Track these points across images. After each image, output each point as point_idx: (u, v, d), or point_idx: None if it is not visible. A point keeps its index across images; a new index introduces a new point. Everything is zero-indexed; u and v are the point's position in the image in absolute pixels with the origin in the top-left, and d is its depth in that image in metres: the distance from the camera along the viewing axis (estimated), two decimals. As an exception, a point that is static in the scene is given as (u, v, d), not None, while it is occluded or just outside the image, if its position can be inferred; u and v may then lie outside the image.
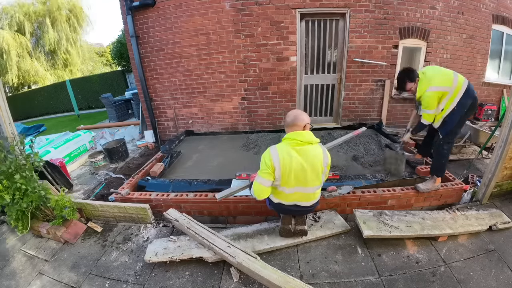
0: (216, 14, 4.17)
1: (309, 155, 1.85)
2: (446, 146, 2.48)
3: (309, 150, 1.85)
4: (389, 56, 4.41)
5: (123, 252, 2.33)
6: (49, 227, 2.47)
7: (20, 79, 13.74)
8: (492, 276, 1.87)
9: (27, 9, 12.93)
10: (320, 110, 4.91)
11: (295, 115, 1.91)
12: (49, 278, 2.11)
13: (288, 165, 1.82)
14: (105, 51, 21.10)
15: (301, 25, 4.28)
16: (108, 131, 6.45)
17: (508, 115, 2.36)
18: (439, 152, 2.52)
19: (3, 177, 2.24)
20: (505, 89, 5.49)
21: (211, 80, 4.59)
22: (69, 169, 4.07)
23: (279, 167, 1.83)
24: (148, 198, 2.72)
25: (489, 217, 2.38)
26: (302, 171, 1.85)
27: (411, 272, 1.94)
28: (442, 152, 2.49)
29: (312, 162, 1.85)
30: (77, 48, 15.37)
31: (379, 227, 2.22)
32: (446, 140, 2.49)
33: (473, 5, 4.54)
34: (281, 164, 1.82)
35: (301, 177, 1.87)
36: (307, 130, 1.89)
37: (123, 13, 4.30)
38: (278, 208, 2.14)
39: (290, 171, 1.84)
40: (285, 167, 1.83)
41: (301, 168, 1.84)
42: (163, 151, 3.98)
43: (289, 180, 1.87)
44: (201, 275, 2.03)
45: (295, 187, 1.92)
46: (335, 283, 1.90)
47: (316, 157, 1.87)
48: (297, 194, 1.97)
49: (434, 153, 2.60)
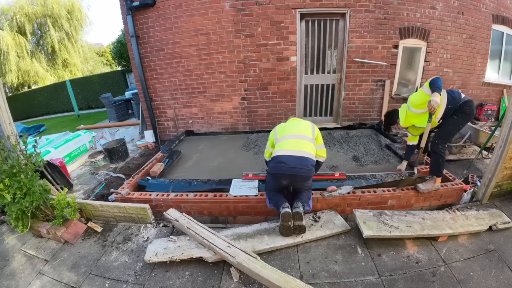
0: (216, 14, 4.17)
1: (299, 120, 2.56)
2: (441, 145, 2.49)
3: (298, 120, 2.58)
4: (389, 56, 4.41)
5: (123, 252, 2.33)
6: (49, 227, 2.47)
7: (20, 79, 13.75)
8: (492, 276, 1.87)
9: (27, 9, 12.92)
10: (320, 110, 4.91)
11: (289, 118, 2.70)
12: (49, 278, 2.11)
13: (282, 126, 2.49)
14: (105, 51, 21.11)
15: (301, 25, 4.28)
16: (108, 131, 6.46)
17: (508, 115, 2.36)
18: (435, 151, 2.52)
19: (4, 176, 2.25)
20: (505, 89, 5.49)
21: (211, 80, 4.59)
22: (69, 169, 4.07)
23: (275, 130, 2.48)
24: (148, 198, 2.72)
25: (489, 217, 2.38)
26: (295, 126, 2.44)
27: (411, 272, 1.94)
28: (438, 151, 2.50)
29: (301, 122, 2.52)
30: (77, 48, 15.38)
31: (379, 227, 2.22)
32: (441, 139, 2.50)
33: (473, 5, 4.54)
34: (277, 128, 2.51)
35: (294, 128, 2.41)
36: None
37: (123, 13, 4.31)
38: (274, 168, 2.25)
39: (284, 127, 2.47)
40: (280, 127, 2.50)
41: (294, 125, 2.46)
42: (163, 151, 3.98)
43: (283, 131, 2.41)
44: (201, 275, 2.03)
45: (288, 134, 2.36)
46: (335, 283, 1.90)
47: (304, 122, 2.52)
48: (291, 141, 2.30)
49: (431, 153, 2.60)
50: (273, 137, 2.46)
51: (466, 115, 2.44)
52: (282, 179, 2.26)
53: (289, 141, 2.29)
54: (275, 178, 2.29)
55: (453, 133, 2.55)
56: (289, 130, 2.39)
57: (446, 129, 2.50)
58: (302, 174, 2.20)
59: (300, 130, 2.38)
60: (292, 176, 2.21)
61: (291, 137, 2.32)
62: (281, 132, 2.41)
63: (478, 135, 3.55)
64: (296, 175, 2.20)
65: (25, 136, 2.53)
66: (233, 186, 2.71)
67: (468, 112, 2.43)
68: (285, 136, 2.35)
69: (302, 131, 2.38)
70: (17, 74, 13.31)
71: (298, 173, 2.19)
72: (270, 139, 2.50)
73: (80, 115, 11.10)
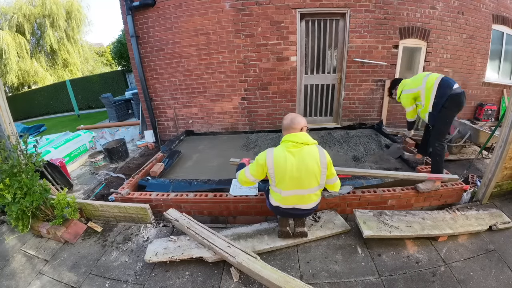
0: (216, 14, 4.17)
1: (305, 156, 1.85)
2: (437, 144, 2.61)
3: (304, 151, 1.86)
4: (389, 56, 4.41)
5: (123, 252, 2.33)
6: (49, 227, 2.47)
7: (20, 79, 13.76)
8: (492, 276, 1.86)
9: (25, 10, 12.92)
10: (320, 110, 4.91)
11: (292, 118, 1.95)
12: (49, 278, 2.11)
13: (283, 167, 1.85)
14: (105, 51, 21.10)
15: (301, 25, 4.28)
16: (108, 131, 6.45)
17: (508, 115, 2.36)
18: (434, 151, 2.64)
19: (5, 176, 2.25)
20: (505, 89, 5.49)
21: (211, 80, 4.59)
22: (69, 169, 4.07)
23: (272, 168, 1.88)
24: (148, 198, 2.72)
25: (489, 217, 2.38)
26: (298, 172, 1.85)
27: (411, 272, 1.94)
28: (436, 150, 2.61)
29: (308, 163, 1.84)
30: (77, 48, 15.39)
31: (379, 227, 2.22)
32: (435, 138, 2.63)
33: (473, 5, 4.54)
34: (275, 165, 1.87)
35: (296, 179, 1.87)
36: (303, 132, 1.92)
37: (123, 13, 4.30)
38: (276, 211, 2.14)
39: (285, 173, 1.86)
40: (279, 169, 1.86)
41: (297, 170, 1.84)
42: (163, 151, 3.98)
43: (284, 182, 1.89)
44: (201, 275, 2.03)
45: (292, 190, 1.92)
46: (335, 283, 1.90)
47: (312, 158, 1.85)
48: (294, 197, 1.95)
49: (431, 154, 2.73)
50: (266, 169, 1.91)
51: (448, 109, 2.54)
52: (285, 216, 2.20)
53: (291, 198, 1.96)
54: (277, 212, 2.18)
55: (443, 130, 2.65)
56: (292, 184, 1.89)
57: (436, 128, 2.68)
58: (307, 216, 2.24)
59: (305, 183, 1.88)
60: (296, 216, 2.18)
61: (294, 193, 1.94)
62: (280, 180, 1.89)
63: (478, 135, 3.55)
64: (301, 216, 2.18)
65: (26, 136, 2.54)
66: (233, 186, 2.71)
67: (448, 107, 2.52)
68: (287, 191, 1.93)
69: (307, 183, 1.88)
70: (17, 74, 13.31)
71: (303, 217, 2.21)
72: (259, 166, 1.92)
73: (80, 115, 11.10)
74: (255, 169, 1.94)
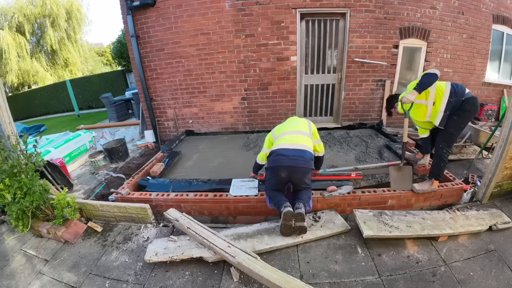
0: (216, 14, 4.17)
1: (295, 119, 2.66)
2: (446, 149, 2.44)
3: (295, 118, 2.69)
4: (389, 56, 4.41)
5: (123, 252, 2.33)
6: (49, 226, 2.47)
7: (20, 79, 13.75)
8: (492, 276, 1.86)
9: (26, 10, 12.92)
10: (320, 110, 4.91)
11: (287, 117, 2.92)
12: (49, 278, 2.11)
13: (280, 126, 2.57)
14: (105, 51, 21.10)
15: (301, 25, 4.28)
16: (108, 131, 6.45)
17: (508, 115, 2.36)
18: (438, 155, 2.49)
19: (5, 176, 2.25)
20: (505, 89, 5.49)
21: (211, 80, 4.59)
22: (69, 169, 4.07)
23: (273, 131, 2.54)
24: (148, 198, 2.72)
25: (489, 217, 2.38)
26: (292, 123, 2.54)
27: (411, 272, 1.94)
28: (442, 155, 2.46)
29: (298, 119, 2.63)
30: (77, 47, 15.38)
31: (379, 227, 2.22)
32: (445, 143, 2.44)
33: (473, 5, 4.54)
34: (275, 129, 2.56)
35: (291, 127, 2.48)
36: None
37: (123, 13, 4.30)
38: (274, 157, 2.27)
39: (281, 126, 2.55)
40: (278, 128, 2.55)
41: (289, 122, 2.59)
42: (163, 151, 3.98)
43: (281, 129, 2.48)
44: (201, 275, 2.03)
45: (286, 131, 2.43)
46: (335, 283, 1.90)
47: (300, 119, 2.64)
48: (289, 136, 2.36)
49: (434, 156, 2.58)
50: (271, 137, 2.53)
51: (467, 113, 2.34)
52: (281, 172, 2.24)
53: (287, 137, 2.37)
54: (274, 172, 2.28)
55: (455, 135, 2.46)
56: (287, 128, 2.48)
57: (447, 132, 2.42)
58: (301, 166, 2.20)
59: (297, 127, 2.48)
60: (291, 168, 2.21)
61: (289, 133, 2.40)
62: (279, 131, 2.49)
63: (478, 135, 3.55)
64: (295, 166, 2.20)
65: (26, 136, 2.54)
66: (233, 186, 2.71)
67: (469, 110, 2.33)
68: (283, 133, 2.43)
69: (299, 127, 2.47)
70: (17, 74, 13.31)
71: (297, 164, 2.19)
72: (268, 140, 2.56)
73: (80, 115, 11.10)
74: (265, 143, 2.59)
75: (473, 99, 2.33)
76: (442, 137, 2.46)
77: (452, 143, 2.51)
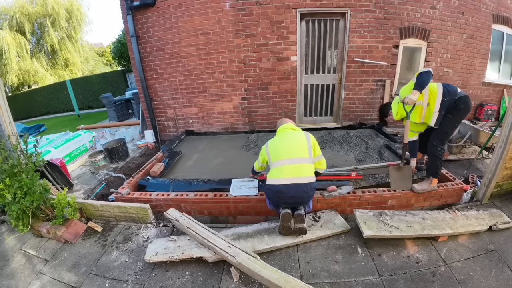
0: (216, 14, 4.17)
1: (292, 133, 2.29)
2: (440, 147, 2.47)
3: (291, 131, 2.32)
4: (389, 56, 4.41)
5: (123, 252, 2.34)
6: (49, 226, 2.47)
7: (20, 79, 13.76)
8: (492, 276, 1.87)
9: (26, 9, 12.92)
10: (320, 110, 4.91)
11: (281, 120, 2.49)
12: (49, 277, 2.11)
13: (275, 144, 2.28)
14: (105, 50, 21.11)
15: (301, 25, 4.28)
16: (109, 131, 6.46)
17: (508, 115, 2.36)
18: (433, 153, 2.51)
19: (5, 176, 2.25)
20: (506, 89, 5.49)
21: (211, 80, 4.59)
22: (70, 168, 4.08)
23: (268, 149, 2.29)
24: (148, 198, 2.72)
25: (489, 217, 2.38)
26: (288, 143, 2.21)
27: (411, 272, 1.94)
28: (437, 153, 2.48)
29: (296, 136, 2.26)
30: (77, 47, 15.39)
31: (379, 227, 2.22)
32: (439, 141, 2.47)
33: (473, 5, 4.54)
34: (269, 146, 2.30)
35: (288, 149, 2.18)
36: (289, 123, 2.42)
37: (123, 13, 4.30)
38: (275, 195, 2.14)
39: (278, 146, 2.24)
40: (273, 147, 2.27)
41: (287, 141, 2.23)
42: (163, 151, 3.98)
43: (278, 152, 2.20)
44: (201, 275, 2.03)
45: (286, 158, 2.15)
46: (335, 283, 1.90)
47: (299, 134, 2.29)
48: (290, 167, 2.11)
49: (428, 154, 2.60)
50: (265, 155, 2.29)
51: (461, 111, 2.36)
52: (282, 204, 2.21)
53: (285, 168, 2.11)
54: (275, 200, 2.24)
55: (449, 133, 2.50)
56: (284, 153, 2.16)
57: (442, 130, 2.45)
58: (304, 200, 2.19)
59: (295, 152, 2.15)
60: (293, 202, 2.18)
61: (287, 163, 2.12)
62: (274, 154, 2.21)
63: (478, 135, 3.55)
64: (297, 202, 2.18)
65: (26, 136, 2.54)
66: (233, 186, 2.71)
67: (463, 108, 2.35)
68: (280, 161, 2.15)
69: (297, 151, 2.15)
70: (17, 74, 13.31)
71: (300, 201, 2.17)
72: (262, 156, 2.36)
73: (80, 115, 11.11)
74: (260, 157, 2.42)
75: (466, 97, 2.37)
76: (437, 136, 2.49)
77: (446, 141, 2.54)
